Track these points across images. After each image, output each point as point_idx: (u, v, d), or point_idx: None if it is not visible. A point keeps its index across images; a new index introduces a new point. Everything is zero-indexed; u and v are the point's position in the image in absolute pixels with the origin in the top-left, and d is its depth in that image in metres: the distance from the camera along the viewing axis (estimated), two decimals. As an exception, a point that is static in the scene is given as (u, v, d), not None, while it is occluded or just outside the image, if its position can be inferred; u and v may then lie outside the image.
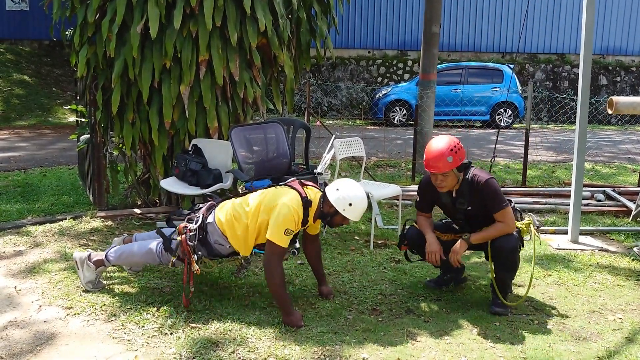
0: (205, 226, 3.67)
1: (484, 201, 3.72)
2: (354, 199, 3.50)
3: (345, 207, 3.48)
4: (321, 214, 3.61)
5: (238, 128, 4.95)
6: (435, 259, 3.77)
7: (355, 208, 3.51)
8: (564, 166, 9.56)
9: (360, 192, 3.54)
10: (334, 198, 3.50)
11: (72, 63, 5.65)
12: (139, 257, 3.86)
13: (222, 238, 3.65)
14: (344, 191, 3.50)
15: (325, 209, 3.58)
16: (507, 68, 15.75)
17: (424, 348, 3.22)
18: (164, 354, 3.11)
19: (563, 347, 3.27)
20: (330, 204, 3.52)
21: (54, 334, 3.33)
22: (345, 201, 3.48)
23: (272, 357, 3.08)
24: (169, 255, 3.71)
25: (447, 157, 3.61)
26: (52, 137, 12.19)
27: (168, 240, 3.72)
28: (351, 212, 3.51)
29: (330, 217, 3.57)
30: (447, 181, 3.71)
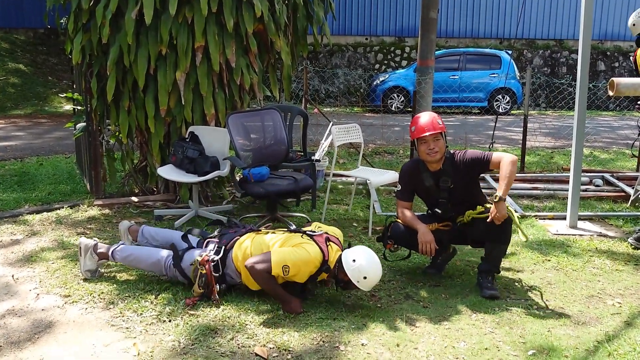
0: (225, 259, 3.63)
1: (472, 169, 3.79)
2: (369, 273, 3.41)
3: (359, 279, 3.40)
4: (335, 278, 3.55)
5: (235, 115, 4.92)
6: (431, 248, 3.77)
7: (369, 281, 3.43)
8: (562, 152, 9.54)
9: (376, 266, 3.45)
10: (350, 269, 3.41)
11: (67, 50, 5.60)
12: (145, 265, 3.84)
13: (236, 274, 3.63)
14: (360, 263, 3.41)
15: (340, 275, 3.49)
16: (505, 54, 15.68)
17: (423, 333, 3.22)
18: (162, 341, 3.10)
19: (562, 331, 3.27)
20: (345, 273, 3.44)
21: (52, 322, 3.32)
22: (361, 274, 3.40)
23: (271, 343, 3.08)
24: (176, 271, 3.69)
25: (437, 120, 3.80)
26: (48, 126, 12.13)
27: (179, 258, 3.69)
28: (364, 284, 3.43)
29: (344, 283, 3.51)
30: (439, 145, 3.78)
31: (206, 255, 3.60)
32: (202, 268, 3.55)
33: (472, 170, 3.82)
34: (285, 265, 3.38)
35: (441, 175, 3.85)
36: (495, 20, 19.16)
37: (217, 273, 3.57)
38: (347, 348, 3.04)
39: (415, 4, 18.79)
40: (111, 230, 4.95)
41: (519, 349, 3.07)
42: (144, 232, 4.16)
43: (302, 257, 3.43)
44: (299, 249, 3.46)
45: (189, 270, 3.65)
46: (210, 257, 3.58)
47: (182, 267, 3.68)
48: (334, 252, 3.58)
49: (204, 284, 3.55)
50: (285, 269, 3.38)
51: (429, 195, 3.97)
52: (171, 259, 3.72)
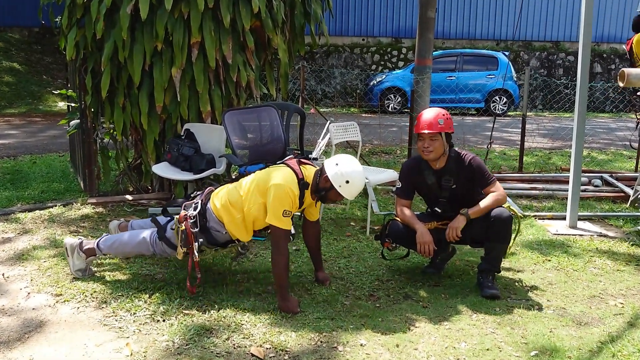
0: (205, 212, 3.57)
1: (473, 177, 3.74)
2: (352, 176, 3.39)
3: (342, 183, 3.38)
4: (316, 187, 3.51)
5: (231, 112, 4.84)
6: (429, 249, 3.70)
7: (352, 185, 3.40)
8: (559, 153, 9.51)
9: (359, 170, 3.44)
10: (332, 173, 3.40)
11: (61, 46, 5.51)
12: (132, 247, 3.75)
13: (219, 224, 3.55)
14: (342, 167, 3.40)
15: (321, 183, 3.47)
16: (502, 55, 15.65)
17: (422, 334, 3.15)
18: (156, 341, 3.03)
19: (564, 332, 3.20)
20: (327, 178, 3.41)
21: (43, 322, 3.24)
22: (343, 177, 3.38)
23: (268, 343, 3.00)
24: (163, 244, 3.62)
25: (439, 120, 3.69)
26: (42, 124, 12.03)
27: (162, 229, 3.62)
28: (347, 190, 3.40)
29: (325, 191, 3.47)
30: (435, 146, 3.69)
31: (183, 212, 3.53)
32: (181, 225, 3.48)
33: (472, 178, 3.77)
34: (284, 211, 3.34)
35: (444, 174, 3.79)
36: (492, 22, 19.16)
37: (196, 228, 3.49)
38: (345, 348, 2.97)
39: (412, 5, 18.77)
40: (104, 228, 4.86)
41: (521, 349, 3.00)
42: (133, 225, 4.08)
43: (283, 193, 3.35)
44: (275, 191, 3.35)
45: (174, 239, 3.58)
46: (188, 213, 3.52)
47: (167, 237, 3.60)
48: (308, 170, 3.56)
49: (184, 241, 3.48)
50: (286, 213, 3.34)
51: (430, 193, 3.90)
52: (155, 233, 3.65)
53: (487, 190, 3.71)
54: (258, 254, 4.37)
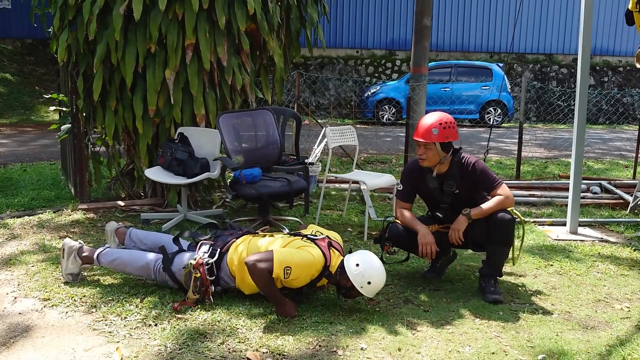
0: (220, 262, 3.43)
1: (476, 182, 3.65)
2: (373, 278, 3.22)
3: (363, 284, 3.21)
4: (337, 283, 3.34)
5: (226, 115, 4.76)
6: (431, 250, 3.60)
7: (374, 286, 3.24)
8: (555, 162, 9.46)
9: (380, 270, 3.27)
10: (353, 274, 3.22)
11: (53, 50, 5.41)
12: (132, 269, 3.62)
13: (230, 278, 3.44)
14: (364, 268, 3.23)
15: (342, 281, 3.29)
16: (497, 67, 15.68)
17: (425, 338, 3.04)
18: (147, 345, 2.90)
19: (571, 335, 3.10)
20: (348, 278, 3.24)
21: (30, 326, 3.11)
22: (365, 279, 3.21)
23: (265, 347, 2.88)
24: (166, 275, 3.49)
25: (432, 129, 3.58)
26: (34, 134, 11.89)
27: (169, 261, 3.49)
28: (368, 290, 3.24)
29: (346, 290, 3.31)
30: (428, 155, 3.61)
31: (200, 258, 3.39)
32: (197, 272, 3.34)
33: (476, 182, 3.67)
34: (288, 267, 3.17)
35: (446, 179, 3.69)
36: (486, 34, 19.24)
37: (212, 277, 3.38)
38: (345, 352, 2.85)
39: (405, 17, 18.85)
40: (95, 234, 4.74)
41: (528, 353, 2.89)
42: (131, 235, 3.95)
43: (306, 259, 3.23)
44: (302, 251, 3.27)
45: (180, 275, 3.45)
46: (204, 260, 3.38)
47: (172, 271, 3.47)
48: (335, 257, 3.39)
49: (198, 289, 3.34)
50: (287, 270, 3.17)
51: (431, 198, 3.80)
52: (161, 263, 3.52)
53: (493, 194, 3.60)
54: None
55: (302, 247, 3.32)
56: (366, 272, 3.23)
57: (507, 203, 3.57)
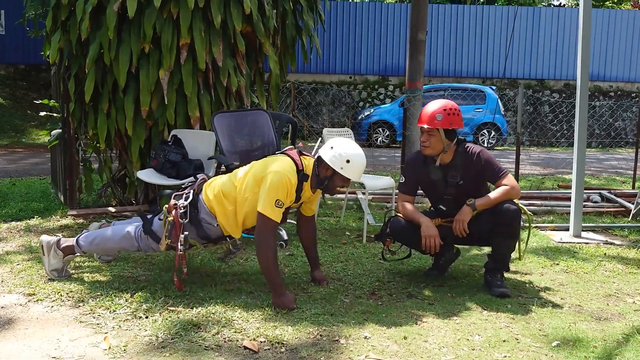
0: (197, 203, 3.31)
1: (481, 172, 3.53)
2: (351, 155, 3.16)
3: (342, 164, 3.14)
4: (317, 180, 3.26)
5: (221, 114, 4.64)
6: (434, 243, 3.45)
7: (354, 164, 3.17)
8: (552, 178, 9.38)
9: (357, 148, 3.21)
10: (329, 157, 3.17)
11: (45, 53, 5.31)
12: (114, 243, 3.46)
13: (210, 216, 3.30)
14: (339, 148, 3.17)
15: (322, 173, 3.23)
16: (490, 90, 15.75)
17: (432, 328, 2.88)
18: (137, 336, 2.72)
19: (584, 326, 2.95)
20: (326, 164, 3.17)
21: (12, 319, 2.92)
22: (342, 158, 3.15)
23: (262, 337, 2.71)
24: (148, 238, 3.34)
25: (436, 115, 3.48)
26: (24, 154, 11.72)
27: (149, 222, 3.35)
28: (350, 170, 3.16)
29: (328, 180, 3.22)
30: (431, 141, 3.49)
31: (173, 201, 3.27)
32: (170, 215, 3.21)
33: (482, 173, 3.55)
34: (277, 200, 3.09)
35: (450, 170, 3.57)
36: (478, 60, 19.39)
37: (185, 219, 3.24)
38: (348, 341, 2.69)
39: (398, 44, 19.00)
40: (85, 237, 4.57)
41: (541, 341, 2.74)
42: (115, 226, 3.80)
43: (280, 180, 3.11)
44: (271, 178, 3.11)
45: (161, 232, 3.30)
46: (177, 203, 3.26)
47: (153, 231, 3.33)
48: (308, 161, 3.31)
49: (169, 232, 3.21)
50: (279, 203, 3.09)
51: (435, 190, 3.67)
52: (141, 227, 3.37)
53: (498, 184, 3.47)
54: (249, 258, 4.09)
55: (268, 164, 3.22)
56: (342, 150, 3.17)
57: (513, 193, 3.45)
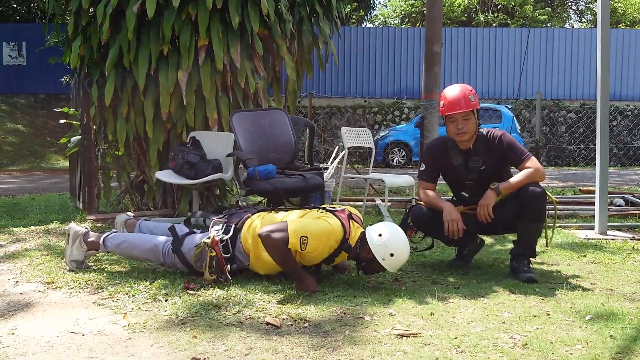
0: (235, 239, 3.24)
1: (504, 156, 3.46)
2: (396, 249, 2.99)
3: (385, 256, 2.98)
4: (356, 256, 3.13)
5: (240, 113, 4.65)
6: (457, 228, 3.36)
7: (397, 259, 3.01)
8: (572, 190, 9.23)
9: (404, 241, 3.05)
10: (375, 245, 3.00)
11: (66, 61, 5.39)
12: (140, 252, 3.42)
13: (244, 256, 3.24)
14: (387, 238, 3.00)
15: (362, 254, 3.07)
16: (506, 109, 15.71)
17: (458, 307, 2.79)
18: (157, 315, 2.67)
19: (617, 304, 2.84)
20: (369, 249, 3.02)
21: (31, 304, 2.89)
22: (387, 250, 2.98)
23: (284, 315, 2.64)
24: (175, 257, 3.29)
25: (469, 96, 3.41)
26: (43, 175, 11.85)
27: (179, 242, 3.29)
28: (390, 263, 3.01)
29: (366, 263, 3.09)
30: (469, 125, 3.42)
31: (215, 236, 3.17)
32: (212, 250, 3.11)
33: (504, 157, 3.49)
34: (304, 237, 2.95)
35: (471, 155, 3.50)
36: (492, 81, 19.43)
37: (227, 254, 3.17)
38: (372, 318, 2.61)
39: (412, 66, 19.12)
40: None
41: (573, 316, 2.64)
42: (141, 227, 3.77)
43: (323, 228, 3.02)
44: (320, 221, 3.06)
45: (189, 256, 3.23)
46: (219, 237, 3.17)
47: (182, 252, 3.27)
48: (355, 228, 3.16)
49: (215, 269, 3.11)
50: (304, 240, 2.95)
51: (456, 176, 3.60)
52: (170, 244, 3.32)
53: (522, 167, 3.40)
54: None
55: (320, 217, 3.12)
56: (389, 242, 2.99)
57: (538, 176, 3.37)
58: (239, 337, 2.36)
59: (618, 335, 2.37)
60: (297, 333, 2.43)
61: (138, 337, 2.40)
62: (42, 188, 9.16)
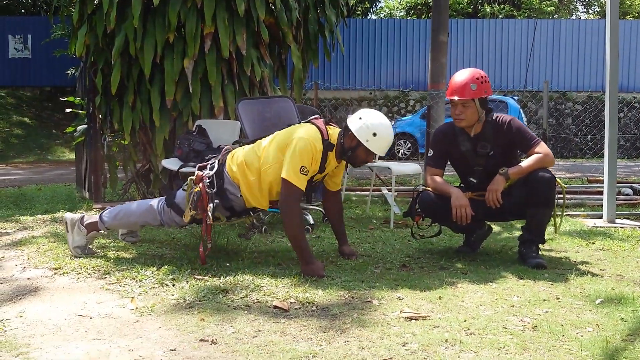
0: (221, 173, 3.26)
1: (513, 141, 3.42)
2: (378, 128, 3.09)
3: (369, 137, 3.07)
4: (342, 149, 3.20)
5: (246, 100, 4.61)
6: (465, 213, 3.33)
7: (380, 138, 3.09)
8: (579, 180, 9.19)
9: (385, 121, 3.15)
10: (356, 127, 3.10)
11: (72, 50, 5.39)
12: (137, 217, 3.43)
13: (234, 187, 3.25)
14: (367, 120, 3.10)
15: (347, 143, 3.17)
16: (512, 100, 15.63)
17: (467, 291, 2.78)
18: (164, 299, 2.66)
19: (628, 289, 2.81)
20: (353, 135, 3.11)
21: (38, 288, 2.89)
22: (369, 130, 3.08)
23: (292, 299, 2.63)
24: (171, 212, 3.30)
25: (471, 85, 3.35)
26: (49, 167, 11.88)
27: (172, 195, 3.32)
28: (375, 144, 3.09)
29: (352, 151, 3.15)
30: (467, 113, 3.37)
31: (199, 172, 3.22)
32: (196, 187, 3.15)
33: (513, 142, 3.46)
34: (302, 167, 3.04)
35: (480, 140, 3.46)
36: (499, 73, 19.33)
37: (212, 189, 3.18)
38: (381, 302, 2.60)
39: (418, 58, 19.03)
40: (110, 226, 4.55)
41: (583, 300, 2.62)
42: None
43: (304, 146, 3.06)
44: (296, 143, 3.07)
45: (183, 205, 3.24)
46: (205, 174, 3.21)
47: (176, 203, 3.29)
48: (332, 129, 3.25)
49: (195, 204, 3.14)
50: (304, 169, 3.04)
51: (464, 162, 3.56)
52: (164, 201, 3.34)
53: (531, 152, 3.36)
54: (275, 240, 4.02)
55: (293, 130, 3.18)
56: (369, 122, 3.10)
57: (547, 161, 3.34)
58: (247, 320, 2.36)
59: (629, 318, 2.35)
60: (305, 316, 2.42)
61: (146, 320, 2.39)
62: (48, 179, 9.18)
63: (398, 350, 2.05)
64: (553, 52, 19.34)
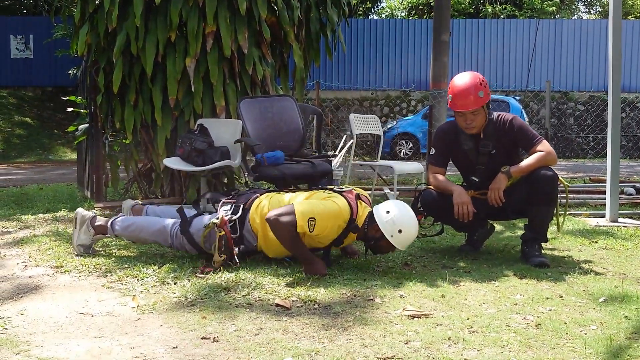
0: (243, 219, 3.21)
1: (514, 140, 3.41)
2: (405, 225, 2.97)
3: (394, 232, 2.95)
4: (364, 236, 3.10)
5: (248, 99, 4.63)
6: (467, 210, 3.32)
7: (405, 236, 2.98)
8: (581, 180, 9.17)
9: (412, 218, 3.03)
10: (383, 222, 2.97)
11: (73, 49, 5.38)
12: (148, 234, 3.38)
13: (252, 236, 3.21)
14: (394, 215, 2.97)
15: (371, 232, 3.04)
16: (514, 100, 15.63)
17: (469, 289, 2.77)
18: (166, 297, 2.66)
19: (631, 287, 2.80)
20: (377, 227, 2.99)
21: (40, 286, 2.88)
22: (396, 226, 2.95)
23: (294, 297, 2.63)
24: (183, 239, 3.26)
25: (478, 92, 3.31)
26: (51, 167, 11.88)
27: (187, 223, 3.26)
28: (399, 239, 2.97)
29: (375, 241, 3.05)
30: (477, 120, 3.36)
31: (224, 216, 3.14)
32: (220, 230, 3.09)
33: (515, 140, 3.44)
34: (312, 218, 2.92)
35: (482, 140, 3.46)
36: (500, 73, 19.32)
37: (235, 234, 3.15)
38: (383, 300, 2.59)
39: (420, 58, 19.02)
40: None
41: (587, 298, 2.61)
42: (148, 212, 3.76)
43: (330, 209, 2.99)
44: (326, 201, 3.04)
45: (198, 237, 3.21)
46: (228, 217, 3.15)
47: (190, 233, 3.24)
48: (362, 208, 3.13)
49: (224, 249, 3.08)
50: (311, 222, 2.91)
51: (467, 160, 3.55)
52: (178, 226, 3.30)
53: (533, 151, 3.35)
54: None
55: (327, 198, 3.09)
56: (397, 219, 2.96)
57: (549, 159, 3.33)
58: (248, 318, 2.35)
59: (633, 316, 2.34)
60: (307, 314, 2.41)
61: (147, 318, 2.39)
62: (49, 179, 9.17)
63: (401, 348, 2.04)
64: (555, 52, 19.32)
